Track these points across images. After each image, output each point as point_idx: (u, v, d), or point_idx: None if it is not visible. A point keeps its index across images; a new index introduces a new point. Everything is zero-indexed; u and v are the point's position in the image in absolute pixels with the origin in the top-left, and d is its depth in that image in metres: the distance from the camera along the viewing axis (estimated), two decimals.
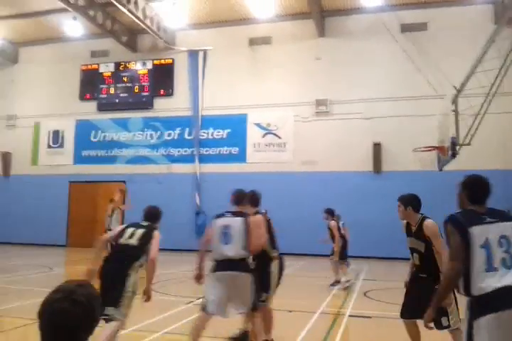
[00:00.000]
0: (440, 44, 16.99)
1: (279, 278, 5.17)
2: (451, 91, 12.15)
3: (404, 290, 4.54)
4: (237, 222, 4.62)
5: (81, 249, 19.22)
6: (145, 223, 4.87)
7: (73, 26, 19.45)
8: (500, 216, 2.85)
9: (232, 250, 4.52)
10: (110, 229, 10.82)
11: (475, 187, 2.98)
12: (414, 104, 17.08)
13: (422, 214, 4.38)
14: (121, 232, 4.74)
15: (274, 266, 5.06)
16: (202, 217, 18.71)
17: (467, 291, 2.70)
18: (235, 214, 4.75)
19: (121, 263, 4.47)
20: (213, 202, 18.55)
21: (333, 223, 9.75)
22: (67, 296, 1.58)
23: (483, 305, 2.62)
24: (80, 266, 13.59)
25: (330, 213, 9.88)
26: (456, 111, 11.37)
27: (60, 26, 19.99)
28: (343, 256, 9.93)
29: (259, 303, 4.64)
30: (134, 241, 4.61)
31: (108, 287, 4.29)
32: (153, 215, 4.99)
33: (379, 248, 14.91)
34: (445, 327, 4.05)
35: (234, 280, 4.50)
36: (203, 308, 4.62)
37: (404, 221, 4.49)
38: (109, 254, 4.74)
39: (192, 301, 7.73)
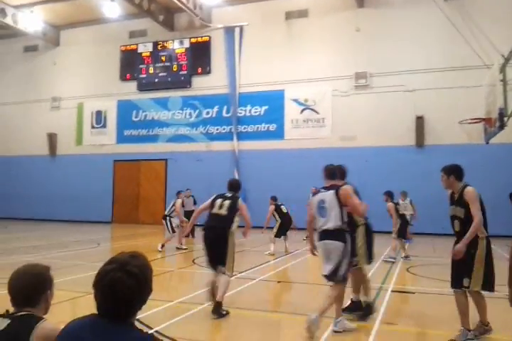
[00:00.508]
0: (486, 11, 16.06)
1: (370, 243, 5.51)
2: (499, 60, 11.56)
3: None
4: (329, 196, 4.94)
5: (126, 225, 20.02)
6: (229, 193, 5.87)
7: (111, 7, 19.60)
8: None
9: (328, 222, 4.90)
10: (168, 216, 11.89)
11: None
12: (458, 75, 16.38)
13: (465, 182, 4.51)
14: (212, 203, 5.78)
15: (360, 232, 5.42)
16: (241, 194, 18.95)
17: None
18: (328, 188, 5.06)
19: (219, 229, 5.56)
20: (252, 179, 18.74)
21: (390, 205, 10.19)
22: (121, 267, 1.63)
23: None
24: (125, 241, 14.16)
25: (389, 195, 10.32)
26: (504, 81, 10.82)
27: (98, 8, 20.21)
28: (402, 234, 10.30)
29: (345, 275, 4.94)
30: (223, 212, 5.62)
31: (213, 250, 5.57)
32: (234, 186, 6.09)
33: (421, 224, 14.66)
34: (465, 287, 4.32)
35: (327, 249, 4.91)
36: None
37: (449, 191, 4.60)
38: (206, 223, 5.78)
39: (234, 275, 7.91)
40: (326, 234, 4.88)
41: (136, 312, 1.69)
